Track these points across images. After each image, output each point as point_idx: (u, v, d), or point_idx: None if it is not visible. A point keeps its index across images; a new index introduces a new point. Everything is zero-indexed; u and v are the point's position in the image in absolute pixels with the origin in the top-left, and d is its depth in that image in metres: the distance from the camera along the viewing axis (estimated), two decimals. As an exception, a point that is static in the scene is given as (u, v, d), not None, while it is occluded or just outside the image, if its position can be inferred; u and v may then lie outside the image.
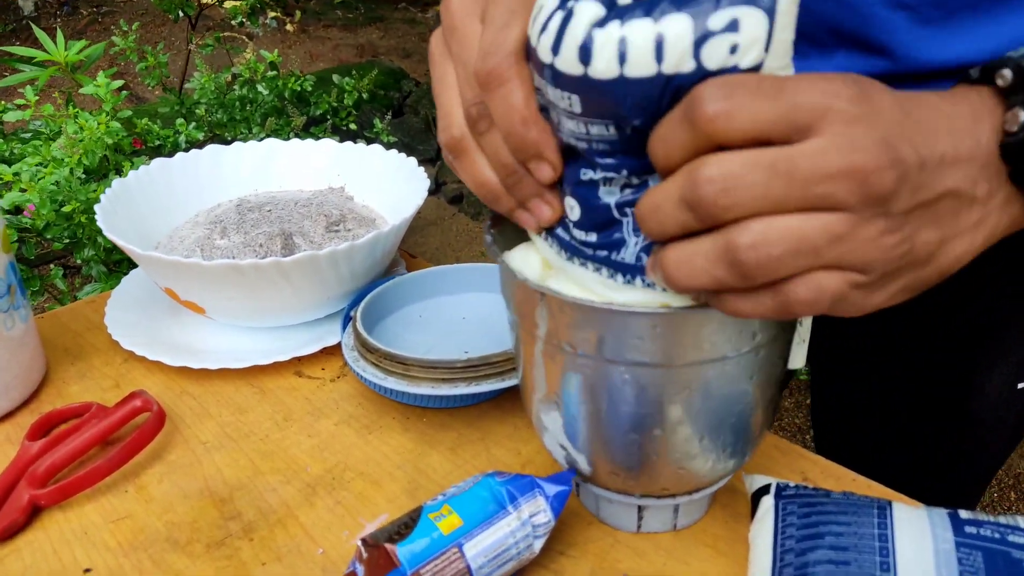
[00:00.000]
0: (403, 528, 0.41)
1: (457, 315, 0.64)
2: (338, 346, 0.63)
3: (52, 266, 1.76)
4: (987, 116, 0.33)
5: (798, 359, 0.49)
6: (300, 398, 0.60)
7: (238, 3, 2.57)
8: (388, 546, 0.40)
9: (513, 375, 0.54)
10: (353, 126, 2.50)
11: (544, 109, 0.34)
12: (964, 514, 0.39)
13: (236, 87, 2.33)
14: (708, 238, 0.30)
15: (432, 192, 3.31)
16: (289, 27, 5.88)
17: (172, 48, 4.98)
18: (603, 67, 0.30)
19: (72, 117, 1.67)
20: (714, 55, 0.29)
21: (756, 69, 0.30)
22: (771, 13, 0.29)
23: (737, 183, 0.28)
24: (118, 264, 1.75)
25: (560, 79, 0.31)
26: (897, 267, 0.31)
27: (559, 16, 0.31)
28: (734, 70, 0.29)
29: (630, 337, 0.37)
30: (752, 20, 0.29)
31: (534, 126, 0.34)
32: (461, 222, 3.16)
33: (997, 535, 0.38)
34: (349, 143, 0.77)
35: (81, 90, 1.89)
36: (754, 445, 0.44)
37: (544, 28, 0.32)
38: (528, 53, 0.34)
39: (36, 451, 0.52)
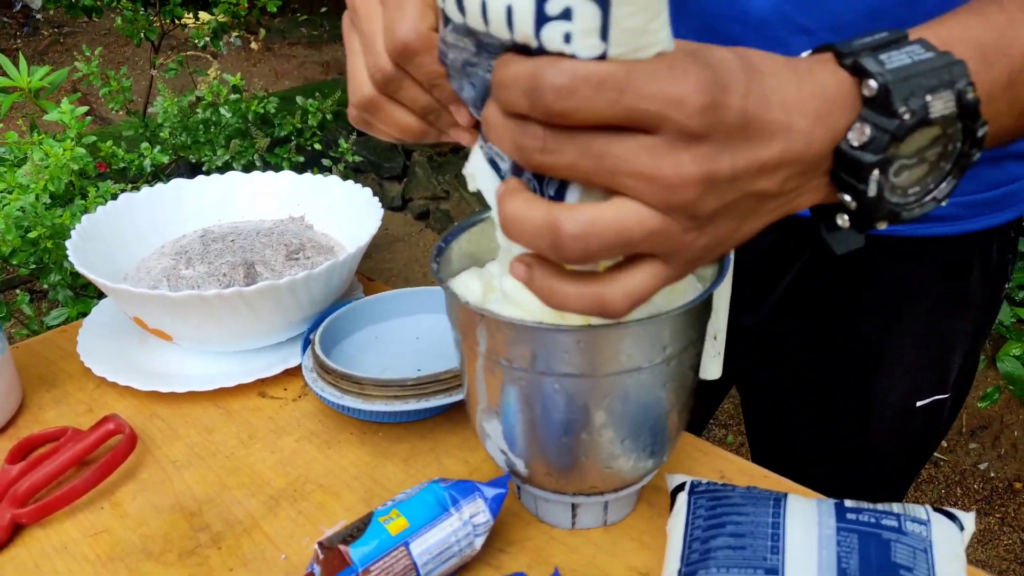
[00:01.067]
0: (355, 531, 0.46)
1: (411, 336, 0.69)
2: (299, 368, 0.67)
3: (18, 291, 1.78)
4: (835, 115, 0.34)
5: (713, 371, 0.54)
6: (264, 417, 0.64)
7: (201, 25, 2.59)
8: (341, 547, 0.44)
9: (459, 391, 0.59)
10: (318, 146, 2.54)
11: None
12: (849, 503, 0.45)
13: (200, 110, 2.35)
14: (542, 208, 0.32)
15: (399, 208, 3.35)
16: (254, 45, 5.89)
17: (136, 69, 4.97)
18: (473, 21, 0.32)
19: (37, 144, 1.69)
20: (552, 39, 0.30)
21: (602, 57, 0.30)
22: (604, 5, 0.29)
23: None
24: (84, 288, 1.77)
25: (456, 26, 0.35)
26: (697, 256, 0.34)
27: None
28: (574, 57, 0.30)
29: (558, 351, 0.42)
30: (585, 11, 0.29)
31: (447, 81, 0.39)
32: (428, 237, 3.20)
33: (873, 520, 0.43)
34: (308, 174, 0.82)
35: (46, 116, 1.91)
36: (671, 446, 0.50)
37: None
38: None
39: (16, 473, 0.56)
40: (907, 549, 0.42)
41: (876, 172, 0.33)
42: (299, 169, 1.80)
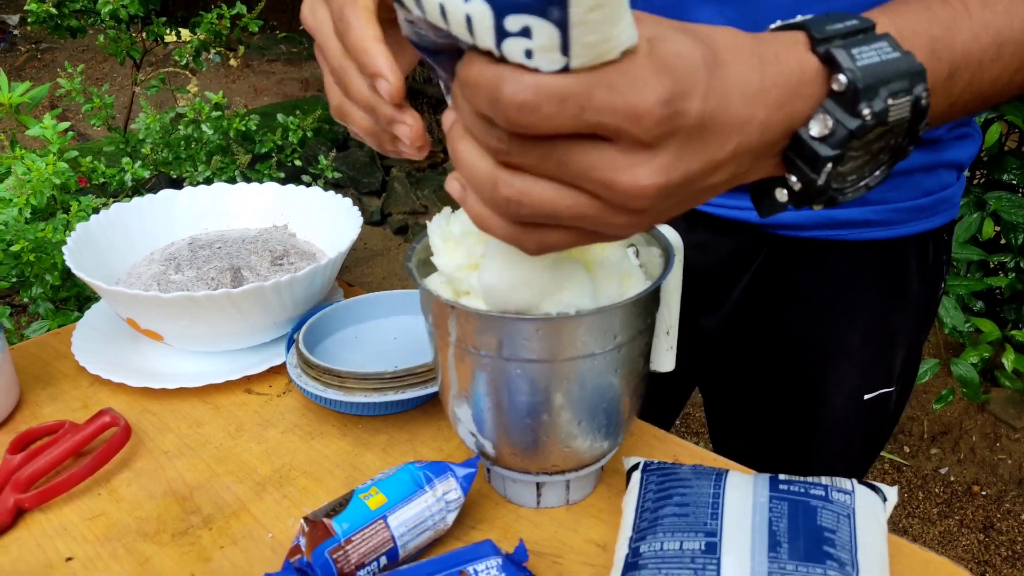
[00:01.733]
0: (338, 506, 0.50)
1: (388, 335, 0.74)
2: (283, 365, 0.72)
3: (-2, 305, 1.80)
4: (796, 101, 0.34)
5: (667, 363, 0.59)
6: (250, 411, 0.68)
7: (183, 44, 2.63)
8: (325, 520, 0.49)
9: (434, 383, 0.64)
10: (298, 162, 2.58)
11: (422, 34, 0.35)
12: (782, 477, 0.50)
13: (181, 127, 2.39)
14: (487, 162, 0.34)
15: (378, 223, 3.39)
16: (233, 62, 5.91)
17: (114, 84, 4.99)
18: (432, 18, 0.32)
19: (19, 159, 1.72)
20: (513, 53, 0.30)
21: (564, 69, 0.30)
22: (562, 26, 0.28)
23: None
24: (64, 302, 1.79)
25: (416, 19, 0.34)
26: (628, 233, 0.36)
27: None
28: (537, 71, 0.30)
29: (520, 339, 0.47)
30: (543, 30, 0.29)
31: (370, 48, 0.39)
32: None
33: (802, 490, 0.48)
34: (291, 186, 0.86)
35: (27, 132, 1.94)
36: (625, 428, 0.54)
37: None
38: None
39: (17, 462, 0.60)
40: (832, 515, 0.47)
41: (830, 165, 0.35)
42: (280, 184, 1.84)
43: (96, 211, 2.05)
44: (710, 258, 0.76)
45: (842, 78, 0.34)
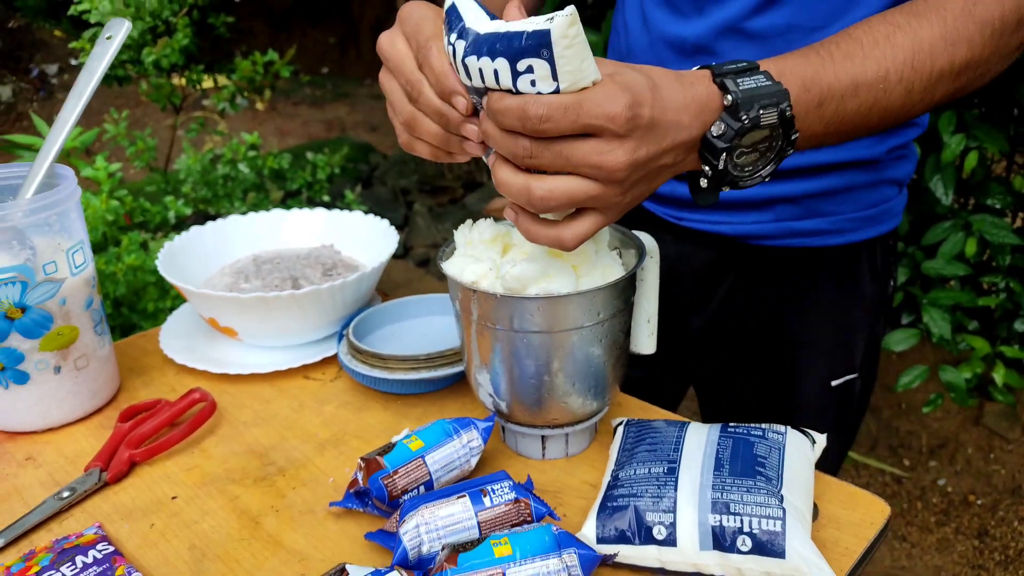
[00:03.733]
0: (385, 449, 0.65)
1: (419, 332, 0.89)
2: (334, 356, 0.87)
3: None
4: (705, 114, 0.52)
5: (648, 345, 0.74)
6: (309, 392, 0.83)
7: (220, 89, 2.83)
8: (377, 457, 0.63)
9: (459, 363, 0.78)
10: (326, 197, 2.76)
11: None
12: (731, 424, 0.64)
13: (220, 166, 2.58)
14: (522, 176, 0.52)
15: (401, 256, 3.56)
16: (259, 105, 6.17)
17: (145, 127, 5.24)
18: (475, 81, 0.52)
19: (79, 199, 1.90)
20: (524, 86, 0.49)
21: (556, 91, 0.48)
22: (551, 60, 0.47)
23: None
24: (112, 331, 1.97)
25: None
26: (625, 206, 0.54)
27: (450, 48, 0.53)
28: (540, 93, 0.49)
29: (526, 314, 0.62)
30: (541, 65, 0.48)
31: (449, 73, 0.54)
32: (429, 283, 3.40)
33: (744, 432, 0.62)
34: (336, 210, 1.02)
35: (82, 173, 2.13)
36: (610, 391, 0.69)
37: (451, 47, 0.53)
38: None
39: (127, 428, 0.75)
40: (765, 447, 0.61)
41: (725, 155, 0.53)
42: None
43: (143, 245, 2.23)
44: (695, 266, 0.91)
45: (729, 97, 0.53)
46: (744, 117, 0.52)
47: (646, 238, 0.70)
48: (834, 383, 0.93)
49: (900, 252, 2.08)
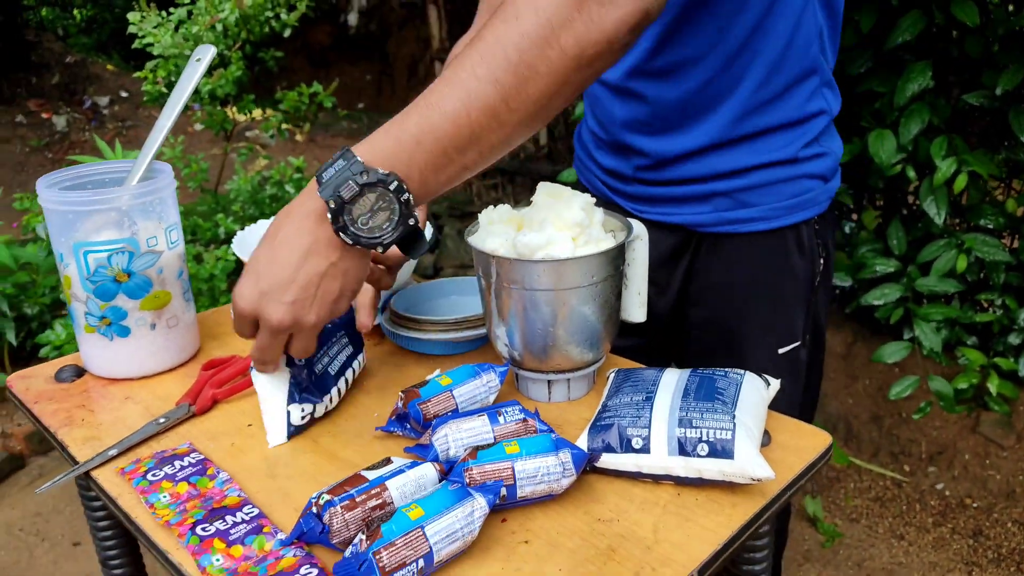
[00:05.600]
0: (421, 384, 0.81)
1: (447, 307, 1.05)
2: (378, 326, 1.03)
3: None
4: (318, 213, 0.68)
5: (639, 314, 0.89)
6: (356, 354, 1.00)
7: (268, 119, 3.05)
8: (413, 390, 0.79)
9: (482, 327, 0.94)
10: (363, 218, 2.95)
11: None
12: (701, 369, 0.79)
13: (268, 187, 2.78)
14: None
15: (431, 277, 3.74)
16: (299, 137, 6.44)
17: (189, 152, 5.50)
18: None
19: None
20: None
21: None
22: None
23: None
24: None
25: None
26: (309, 328, 0.73)
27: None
28: None
29: (534, 275, 0.78)
30: None
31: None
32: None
33: (710, 372, 0.78)
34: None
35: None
36: (603, 344, 0.84)
37: None
38: None
39: (211, 373, 0.92)
40: (725, 382, 0.76)
41: (346, 226, 0.67)
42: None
43: (196, 257, 2.43)
44: (660, 251, 1.07)
45: (331, 203, 0.66)
46: (329, 199, 0.66)
47: (637, 225, 0.86)
48: (781, 351, 1.07)
49: (897, 271, 2.21)
